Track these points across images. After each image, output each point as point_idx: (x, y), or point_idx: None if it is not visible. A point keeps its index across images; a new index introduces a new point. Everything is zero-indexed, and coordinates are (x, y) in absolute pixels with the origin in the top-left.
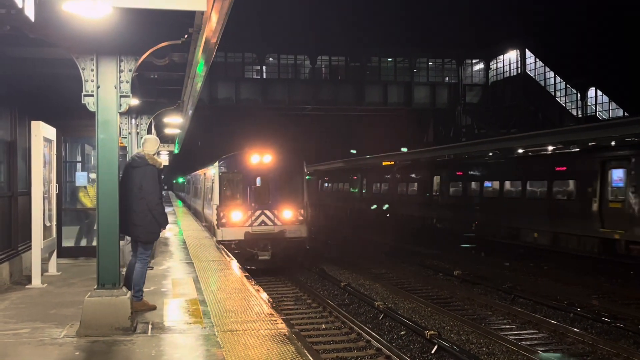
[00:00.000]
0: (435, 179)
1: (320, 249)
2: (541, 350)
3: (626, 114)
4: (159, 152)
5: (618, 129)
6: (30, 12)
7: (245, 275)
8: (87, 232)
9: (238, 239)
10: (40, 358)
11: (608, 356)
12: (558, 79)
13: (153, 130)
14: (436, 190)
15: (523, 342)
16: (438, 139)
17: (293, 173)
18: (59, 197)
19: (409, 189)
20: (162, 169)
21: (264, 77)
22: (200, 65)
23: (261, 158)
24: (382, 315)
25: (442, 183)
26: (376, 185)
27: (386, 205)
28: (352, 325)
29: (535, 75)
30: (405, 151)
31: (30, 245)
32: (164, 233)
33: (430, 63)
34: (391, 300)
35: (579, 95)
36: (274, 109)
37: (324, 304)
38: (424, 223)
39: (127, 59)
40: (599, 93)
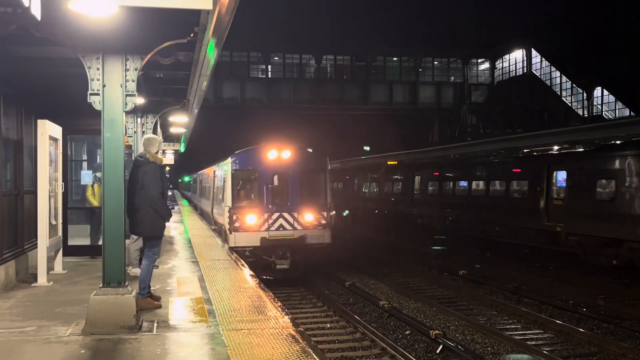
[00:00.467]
0: (416, 178)
1: (344, 255)
2: (547, 351)
3: (632, 113)
4: (164, 151)
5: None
6: (36, 11)
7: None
8: (94, 230)
9: (253, 245)
10: (46, 356)
11: (614, 357)
12: (564, 78)
13: (158, 129)
14: (416, 189)
15: (528, 342)
16: (443, 138)
17: (315, 170)
18: (65, 195)
19: (394, 188)
20: (163, 166)
21: (269, 76)
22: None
23: (279, 154)
24: (387, 314)
25: (422, 182)
26: (370, 184)
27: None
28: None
29: (541, 75)
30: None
31: (36, 244)
32: (169, 231)
33: (435, 62)
34: (396, 299)
35: (584, 94)
36: (279, 108)
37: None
38: (407, 219)
39: (133, 58)
40: (605, 92)
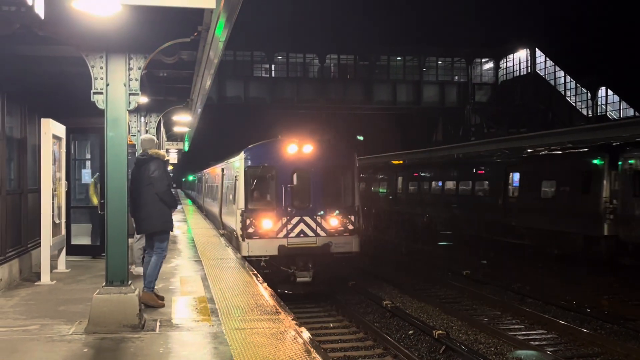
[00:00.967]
0: (398, 179)
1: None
2: (550, 351)
3: (637, 113)
4: (167, 150)
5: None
6: (40, 10)
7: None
8: (94, 230)
9: (270, 254)
10: (49, 354)
11: (618, 357)
12: (568, 78)
13: (162, 128)
14: (400, 189)
15: (532, 342)
16: (447, 138)
17: (341, 167)
18: (68, 194)
19: (380, 187)
20: (167, 161)
21: (273, 75)
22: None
23: (300, 148)
24: (390, 314)
25: (403, 182)
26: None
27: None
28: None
29: (545, 75)
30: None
31: (40, 243)
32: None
33: (439, 62)
34: (399, 299)
35: (589, 94)
36: (282, 107)
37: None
38: (390, 217)
39: (136, 57)
40: (609, 92)
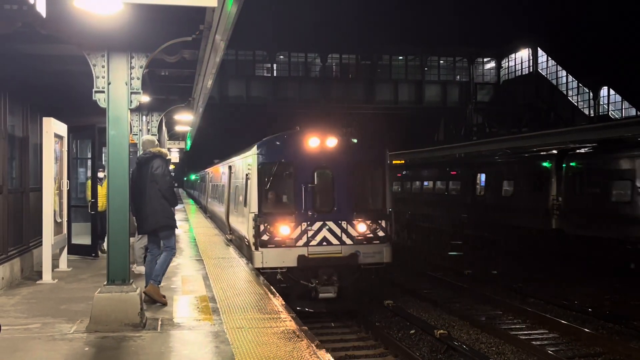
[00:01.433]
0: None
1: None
2: (552, 351)
3: (639, 112)
4: (169, 149)
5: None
6: (41, 8)
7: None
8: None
9: (288, 265)
10: (51, 353)
11: (620, 357)
12: (570, 77)
13: (164, 128)
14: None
15: (534, 342)
16: (449, 138)
17: (370, 165)
18: (69, 193)
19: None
20: (169, 159)
21: (275, 75)
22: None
23: (322, 141)
24: (392, 314)
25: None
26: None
27: None
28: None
29: (547, 74)
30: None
31: (41, 241)
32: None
33: (441, 61)
34: (401, 299)
35: (591, 94)
36: (284, 106)
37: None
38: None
39: (138, 56)
40: (611, 92)
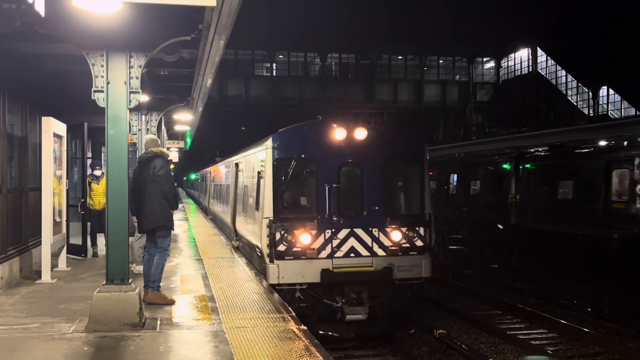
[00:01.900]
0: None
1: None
2: (551, 350)
3: (639, 112)
4: (168, 148)
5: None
6: (40, 7)
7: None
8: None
9: (309, 281)
10: (50, 353)
11: (620, 356)
12: (570, 77)
13: (163, 127)
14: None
15: (533, 342)
16: (448, 137)
17: (406, 161)
18: (67, 193)
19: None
20: (170, 160)
21: (274, 74)
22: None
23: (349, 134)
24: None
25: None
26: None
27: None
28: None
29: (546, 74)
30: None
31: (40, 241)
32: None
33: (440, 61)
34: None
35: (590, 94)
36: (283, 106)
37: None
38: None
39: (137, 55)
40: (610, 92)
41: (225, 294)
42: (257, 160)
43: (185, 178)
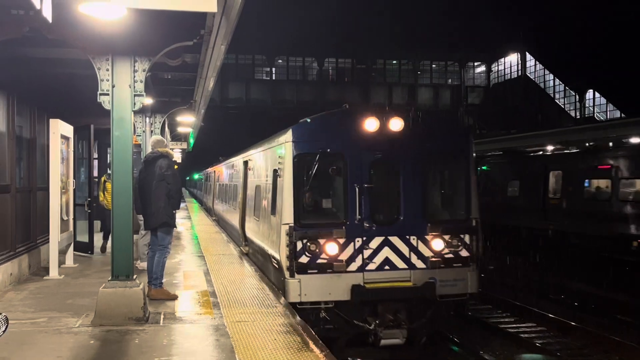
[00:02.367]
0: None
1: None
2: (539, 343)
3: (623, 114)
4: (172, 149)
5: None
6: (47, 13)
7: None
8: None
9: (336, 299)
10: (57, 346)
11: (607, 348)
12: (557, 81)
13: (166, 129)
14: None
15: (522, 335)
16: None
17: (450, 156)
18: (74, 192)
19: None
20: (174, 160)
21: (273, 78)
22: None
23: (383, 124)
24: None
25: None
26: None
27: None
28: None
29: (535, 78)
30: None
31: (48, 238)
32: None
33: (433, 65)
34: None
35: (577, 97)
36: (282, 108)
37: None
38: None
39: (141, 60)
40: (596, 95)
41: (226, 290)
42: (272, 156)
43: (188, 178)
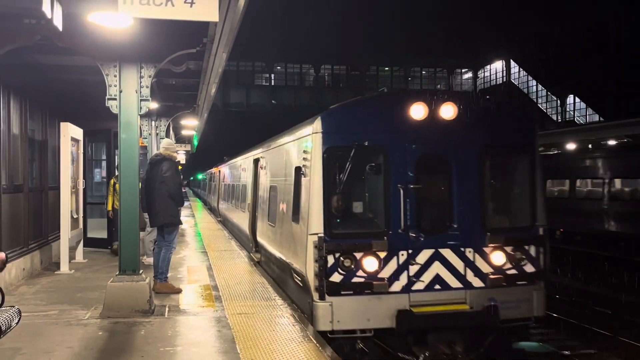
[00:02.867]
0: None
1: None
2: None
3: (601, 118)
4: (177, 151)
5: None
6: (58, 23)
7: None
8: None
9: (377, 327)
10: (67, 337)
11: (594, 342)
12: (540, 86)
13: (171, 132)
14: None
15: None
16: None
17: (511, 152)
18: (85, 191)
19: None
20: (178, 162)
21: (272, 84)
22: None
23: (433, 112)
24: None
25: None
26: None
27: None
28: None
29: (519, 84)
30: None
31: (59, 235)
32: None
33: (423, 72)
34: None
35: (558, 101)
36: (281, 113)
37: None
38: None
39: (147, 66)
40: (577, 100)
41: (227, 284)
42: (294, 151)
43: (192, 178)
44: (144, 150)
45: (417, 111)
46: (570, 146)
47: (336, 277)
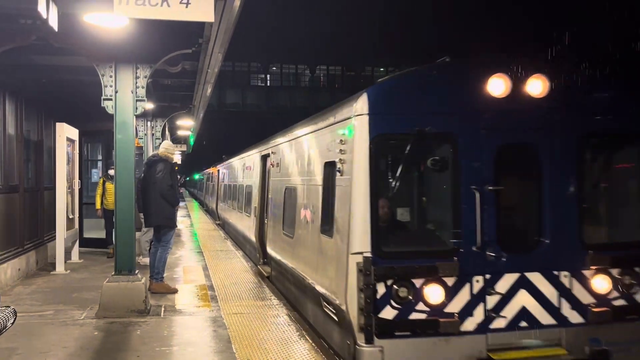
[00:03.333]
0: None
1: None
2: None
3: None
4: (174, 153)
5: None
6: (54, 23)
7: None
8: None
9: None
10: (63, 337)
11: None
12: None
13: (167, 132)
14: None
15: None
16: None
17: (622, 142)
18: (80, 191)
19: None
20: (173, 163)
21: (268, 84)
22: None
23: (517, 88)
24: None
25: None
26: None
27: None
28: None
29: None
30: None
31: (55, 236)
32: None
33: None
34: None
35: None
36: (276, 113)
37: None
38: None
39: (143, 67)
40: None
41: (223, 284)
42: (323, 142)
43: (187, 178)
44: (139, 151)
45: (497, 86)
46: None
47: (388, 313)
